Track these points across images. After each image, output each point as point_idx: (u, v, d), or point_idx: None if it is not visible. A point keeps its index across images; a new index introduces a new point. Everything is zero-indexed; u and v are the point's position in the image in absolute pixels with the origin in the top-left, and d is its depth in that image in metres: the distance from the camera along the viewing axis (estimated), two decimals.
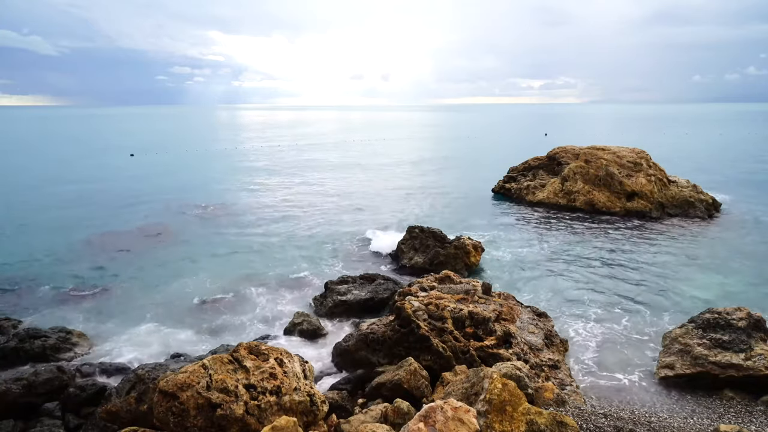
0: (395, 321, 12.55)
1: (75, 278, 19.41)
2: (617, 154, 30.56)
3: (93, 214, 30.44)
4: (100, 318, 15.94)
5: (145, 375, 10.23)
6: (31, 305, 17.00)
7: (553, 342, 13.25)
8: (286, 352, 9.59)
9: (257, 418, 8.09)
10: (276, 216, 29.90)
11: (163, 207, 32.32)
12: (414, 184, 41.20)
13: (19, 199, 35.28)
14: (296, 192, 37.91)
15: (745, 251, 21.81)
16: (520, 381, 9.42)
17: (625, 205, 28.21)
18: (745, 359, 11.27)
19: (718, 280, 18.54)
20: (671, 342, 12.66)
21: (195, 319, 15.88)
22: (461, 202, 33.38)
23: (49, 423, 10.20)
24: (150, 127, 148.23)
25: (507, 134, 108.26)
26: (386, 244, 23.47)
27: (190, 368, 8.50)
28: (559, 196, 30.38)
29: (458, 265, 19.16)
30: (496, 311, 13.13)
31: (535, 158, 36.17)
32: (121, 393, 10.16)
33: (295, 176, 45.73)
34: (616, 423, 8.68)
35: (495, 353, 11.61)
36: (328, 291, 17.10)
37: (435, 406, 7.32)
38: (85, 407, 10.75)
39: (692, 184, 30.20)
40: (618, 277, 19.04)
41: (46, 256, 21.99)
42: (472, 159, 60.60)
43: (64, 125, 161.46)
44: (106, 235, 25.77)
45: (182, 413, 7.98)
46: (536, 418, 7.54)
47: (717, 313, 12.68)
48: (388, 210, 31.25)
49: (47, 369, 11.52)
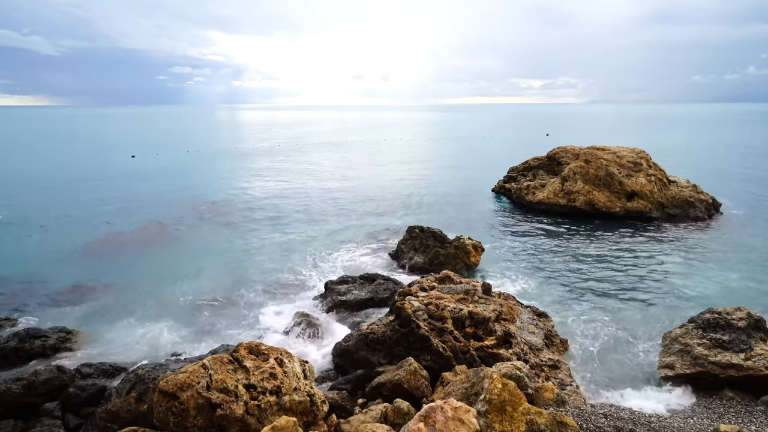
0: (395, 321, 12.55)
1: (75, 278, 19.40)
2: (617, 154, 30.55)
3: (93, 214, 30.44)
4: (100, 318, 15.94)
5: (145, 375, 10.23)
6: (31, 305, 17.00)
7: (553, 342, 13.25)
8: (286, 352, 9.59)
9: (257, 418, 8.09)
10: (276, 216, 29.90)
11: (163, 207, 32.32)
12: (414, 184, 41.19)
13: (19, 199, 35.26)
14: (296, 192, 37.90)
15: (745, 251, 21.81)
16: (520, 381, 9.42)
17: (625, 205, 28.19)
18: (745, 359, 11.27)
19: (718, 280, 18.53)
20: (671, 342, 12.66)
21: (195, 319, 15.88)
22: (461, 202, 33.37)
23: (49, 423, 10.19)
24: (150, 127, 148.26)
25: (507, 134, 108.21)
26: (386, 244, 23.50)
27: (190, 368, 8.50)
28: (559, 196, 30.37)
29: (458, 265, 19.16)
30: (496, 311, 13.13)
31: (535, 158, 36.15)
32: (121, 393, 10.16)
33: (295, 176, 45.72)
34: (616, 423, 8.67)
35: (495, 353, 11.61)
36: (328, 291, 17.10)
37: (435, 406, 7.32)
38: (85, 407, 10.76)
39: (692, 184, 30.18)
40: (618, 277, 19.04)
41: (47, 256, 22.00)
42: (472, 159, 60.60)
43: (64, 125, 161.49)
44: (107, 235, 25.78)
45: (182, 413, 7.98)
46: (536, 418, 7.54)
47: (717, 313, 12.68)
48: (388, 210, 31.25)
49: (47, 369, 11.52)
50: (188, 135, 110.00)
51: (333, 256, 22.14)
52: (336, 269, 20.34)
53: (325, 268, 20.58)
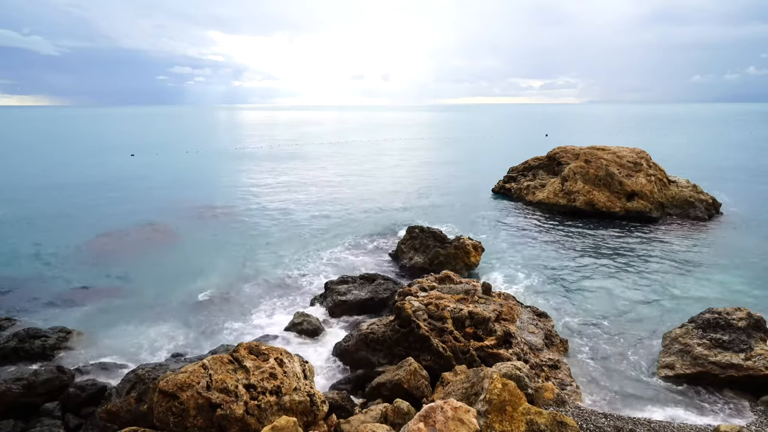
0: (395, 321, 12.56)
1: (75, 278, 19.41)
2: (617, 154, 30.56)
3: (93, 214, 30.44)
4: (100, 318, 15.93)
5: (145, 375, 10.24)
6: (31, 305, 17.00)
7: (553, 342, 13.25)
8: (286, 352, 9.59)
9: (257, 418, 8.09)
10: (275, 216, 29.90)
11: (163, 207, 32.32)
12: (414, 184, 41.20)
13: (20, 199, 35.25)
14: (296, 192, 37.91)
15: (745, 251, 21.81)
16: (520, 381, 9.42)
17: (625, 205, 28.20)
18: (745, 359, 11.28)
19: (718, 280, 18.53)
20: (671, 342, 12.66)
21: (195, 319, 15.88)
22: (461, 202, 33.37)
23: (49, 423, 10.20)
24: (150, 127, 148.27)
25: (507, 134, 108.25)
26: (386, 244, 23.50)
27: (190, 368, 8.50)
28: (559, 196, 30.38)
29: (458, 265, 19.16)
30: (496, 311, 13.13)
31: (535, 158, 36.17)
32: (121, 393, 10.16)
33: (295, 176, 45.72)
34: (616, 423, 8.68)
35: (495, 353, 11.61)
36: (328, 291, 17.10)
37: (435, 406, 7.32)
38: (85, 407, 10.76)
39: (692, 184, 30.19)
40: (618, 277, 19.04)
41: (46, 256, 21.99)
42: (472, 159, 60.61)
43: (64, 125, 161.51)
44: (106, 235, 25.77)
45: (182, 413, 7.98)
46: (536, 418, 7.54)
47: (717, 313, 12.68)
48: (388, 210, 31.25)
49: (47, 369, 11.53)
50: (188, 135, 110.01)
51: (333, 256, 22.14)
52: (336, 269, 20.35)
53: (325, 268, 20.58)
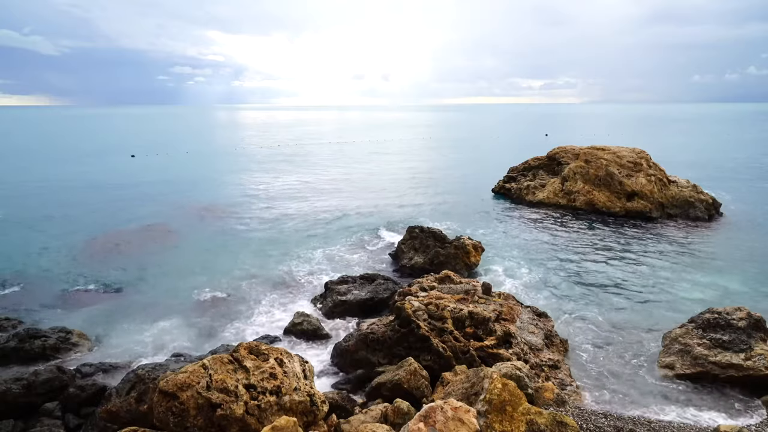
0: (395, 321, 12.55)
1: (75, 278, 19.42)
2: (617, 154, 30.55)
3: (93, 214, 30.45)
4: (100, 318, 15.94)
5: (145, 375, 10.23)
6: (31, 305, 17.01)
7: (553, 342, 13.24)
8: (286, 352, 9.58)
9: (257, 418, 8.08)
10: (276, 217, 29.91)
11: (163, 207, 32.33)
12: (414, 184, 41.21)
13: (20, 199, 35.27)
14: (296, 192, 37.92)
15: (744, 251, 21.81)
16: (520, 381, 9.42)
17: (625, 205, 28.20)
18: (745, 359, 11.28)
19: (718, 280, 18.53)
20: (671, 342, 12.66)
21: (195, 319, 15.89)
22: (461, 202, 33.37)
23: (49, 423, 10.20)
24: (151, 127, 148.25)
25: (507, 134, 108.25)
26: (386, 244, 23.51)
27: (190, 368, 8.49)
28: (559, 196, 30.38)
29: (458, 265, 19.16)
30: (496, 311, 13.13)
31: (535, 158, 36.16)
32: (121, 393, 10.15)
33: (295, 177, 45.74)
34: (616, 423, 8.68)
35: (495, 353, 11.61)
36: (328, 291, 17.10)
37: (435, 406, 7.32)
38: (85, 407, 10.77)
39: (692, 184, 30.18)
40: (618, 277, 19.04)
41: (47, 257, 22.00)
42: (472, 159, 60.60)
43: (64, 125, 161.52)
44: (106, 235, 25.78)
45: (182, 413, 7.97)
46: (536, 418, 7.54)
47: (717, 313, 12.68)
48: (388, 210, 31.25)
49: (47, 369, 11.52)
50: (188, 135, 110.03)
51: (333, 255, 22.15)
52: (336, 269, 20.35)
53: (325, 268, 20.58)
